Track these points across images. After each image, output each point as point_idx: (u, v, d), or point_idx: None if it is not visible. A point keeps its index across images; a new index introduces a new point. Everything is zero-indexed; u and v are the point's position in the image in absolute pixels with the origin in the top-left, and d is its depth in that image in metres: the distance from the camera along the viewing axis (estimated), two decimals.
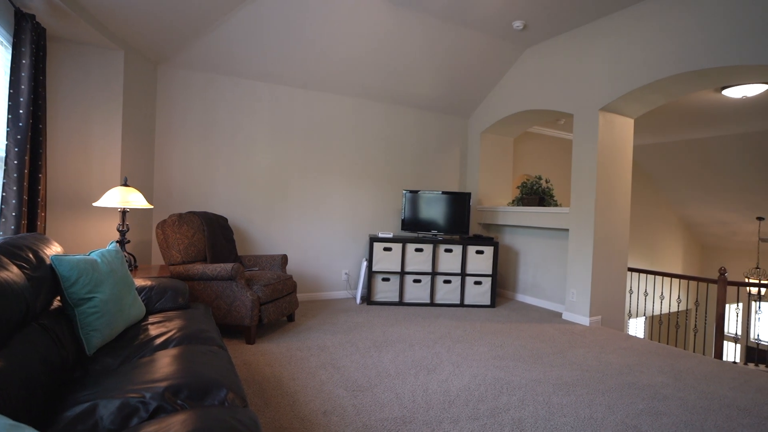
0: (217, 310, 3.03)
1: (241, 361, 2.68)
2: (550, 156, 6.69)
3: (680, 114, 5.47)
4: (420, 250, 4.38)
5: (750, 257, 8.18)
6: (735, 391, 2.51)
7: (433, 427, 1.96)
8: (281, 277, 3.40)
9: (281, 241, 4.34)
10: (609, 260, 4.00)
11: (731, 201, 7.36)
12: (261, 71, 4.04)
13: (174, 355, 1.57)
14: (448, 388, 2.39)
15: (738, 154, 6.38)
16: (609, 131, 3.93)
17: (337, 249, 4.64)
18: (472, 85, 4.88)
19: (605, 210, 3.94)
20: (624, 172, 4.08)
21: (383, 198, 4.92)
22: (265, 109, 4.22)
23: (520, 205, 4.82)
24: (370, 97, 4.73)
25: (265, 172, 4.25)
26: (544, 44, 4.37)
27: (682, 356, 3.13)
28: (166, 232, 3.21)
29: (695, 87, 3.53)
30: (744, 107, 5.03)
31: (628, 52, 3.61)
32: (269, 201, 4.28)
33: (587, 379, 2.61)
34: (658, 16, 3.41)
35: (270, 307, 3.17)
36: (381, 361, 2.78)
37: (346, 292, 4.70)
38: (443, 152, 5.33)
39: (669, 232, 8.43)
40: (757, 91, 4.28)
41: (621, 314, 4.16)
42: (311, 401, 2.17)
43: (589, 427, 2.01)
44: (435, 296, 4.43)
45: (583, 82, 3.98)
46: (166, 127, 3.80)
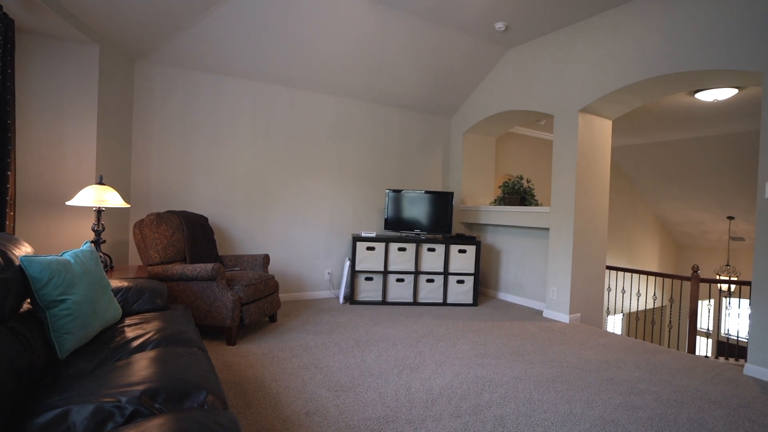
0: (197, 311, 2.98)
1: (222, 363, 2.64)
2: (532, 156, 6.78)
3: (656, 116, 5.62)
4: (403, 250, 4.39)
5: (721, 255, 8.46)
6: (707, 384, 2.59)
7: (416, 425, 1.96)
8: (263, 277, 3.36)
9: (263, 241, 4.29)
10: (588, 259, 4.08)
11: (704, 201, 7.60)
12: (242, 68, 3.99)
13: (152, 357, 1.54)
14: (431, 386, 2.40)
15: (711, 156, 6.59)
16: (588, 132, 4.01)
17: (319, 248, 4.61)
18: (454, 85, 4.91)
19: (584, 209, 4.01)
20: (602, 172, 4.16)
21: (366, 197, 4.91)
22: (247, 106, 4.16)
23: (502, 204, 4.88)
24: (353, 96, 4.72)
25: (246, 171, 4.19)
26: (525, 46, 4.42)
27: (657, 351, 3.21)
28: (144, 232, 3.13)
29: (669, 90, 3.62)
30: (716, 111, 5.19)
31: (607, 55, 3.68)
32: (251, 200, 4.22)
33: (567, 375, 2.65)
34: (635, 21, 3.48)
35: (251, 308, 3.13)
36: (364, 360, 2.77)
37: (329, 291, 4.68)
38: (426, 152, 5.35)
39: (646, 231, 8.65)
40: (727, 95, 4.42)
41: (600, 311, 4.25)
42: (293, 402, 2.15)
43: (569, 423, 2.04)
44: (418, 295, 4.45)
45: (563, 83, 4.05)
46: (144, 124, 3.72)
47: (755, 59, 2.81)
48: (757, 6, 2.81)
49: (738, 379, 2.69)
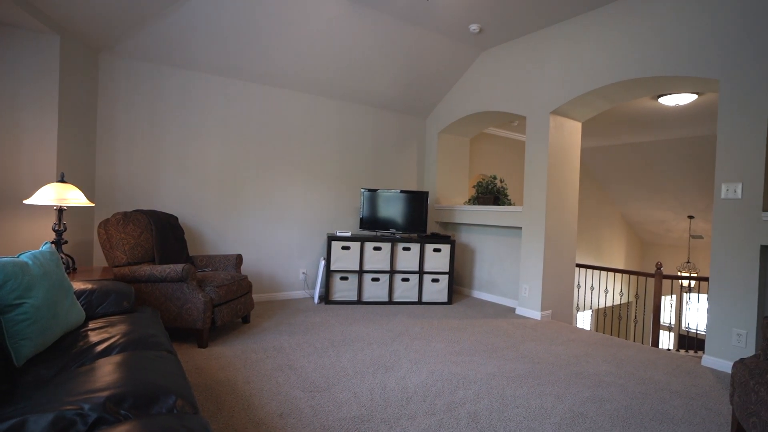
0: (167, 313, 2.89)
1: (193, 366, 2.57)
2: (505, 156, 6.91)
3: (622, 119, 5.82)
4: (378, 249, 4.39)
5: (682, 252, 8.85)
6: (668, 375, 2.71)
7: (391, 424, 1.96)
8: (236, 277, 3.30)
9: (236, 241, 4.20)
10: (559, 257, 4.19)
11: (667, 201, 7.93)
12: (213, 64, 3.89)
13: (117, 362, 1.48)
14: (406, 385, 2.41)
15: (672, 158, 6.88)
16: (559, 133, 4.11)
17: (294, 248, 4.55)
18: (429, 86, 4.94)
19: (555, 209, 4.11)
20: (572, 172, 4.28)
21: (341, 196, 4.88)
22: (219, 103, 4.07)
23: (476, 204, 4.94)
24: (327, 95, 4.68)
25: (218, 169, 4.10)
26: (499, 48, 4.50)
27: (623, 346, 3.33)
28: (110, 232, 3.02)
29: (634, 94, 3.76)
30: (677, 115, 5.42)
31: (576, 59, 3.79)
32: (223, 199, 4.13)
33: (538, 370, 2.72)
34: (603, 27, 3.60)
35: (224, 309, 3.06)
36: (339, 360, 2.75)
37: (303, 291, 4.63)
38: (401, 151, 5.36)
39: (613, 230, 8.95)
40: (687, 101, 4.62)
41: (570, 308, 4.37)
42: (267, 404, 2.12)
43: (540, 417, 2.09)
44: (393, 294, 4.46)
45: (535, 85, 4.14)
46: (110, 119, 3.58)
47: (712, 67, 2.95)
48: (714, 16, 2.94)
49: (696, 370, 2.82)
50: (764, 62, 2.72)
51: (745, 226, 2.78)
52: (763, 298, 2.79)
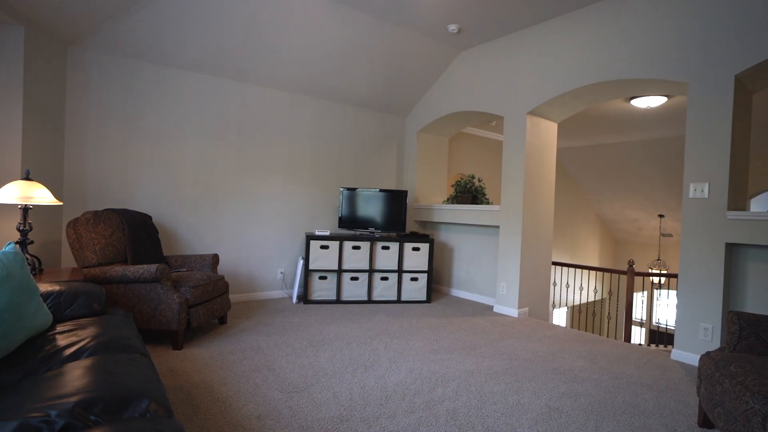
0: (140, 314, 2.81)
1: (168, 369, 2.51)
2: (483, 156, 6.99)
3: (597, 120, 5.97)
4: (357, 248, 4.38)
5: (653, 250, 9.14)
6: (640, 369, 2.79)
7: (370, 423, 1.96)
8: (212, 277, 3.23)
9: (212, 240, 4.12)
10: (535, 255, 4.26)
11: (639, 200, 8.17)
12: (189, 60, 3.80)
13: (87, 366, 1.43)
14: (385, 383, 2.41)
15: (644, 159, 7.09)
16: (536, 134, 4.18)
17: (272, 247, 4.50)
18: (409, 85, 4.96)
19: (532, 208, 4.18)
20: (549, 172, 4.36)
21: (320, 195, 4.85)
22: (195, 100, 3.98)
23: (455, 203, 4.99)
24: (306, 93, 4.64)
25: (194, 167, 4.01)
26: (477, 48, 4.54)
27: (597, 341, 3.42)
28: (79, 232, 2.91)
29: (608, 96, 3.86)
30: (649, 117, 5.59)
31: (552, 61, 3.86)
32: (199, 198, 4.04)
33: (516, 367, 2.76)
34: (578, 30, 3.67)
35: (200, 310, 3.00)
36: (318, 360, 2.73)
37: (281, 291, 4.58)
38: (380, 150, 5.36)
39: (587, 229, 9.17)
40: (658, 103, 4.77)
41: (546, 305, 4.46)
42: (244, 406, 2.08)
43: (517, 412, 2.12)
44: (372, 293, 4.46)
45: (512, 86, 4.20)
46: (79, 115, 3.45)
47: (681, 70, 3.05)
48: (683, 22, 3.05)
49: (666, 364, 2.92)
50: (730, 67, 2.83)
51: (712, 225, 2.89)
52: (727, 293, 2.90)
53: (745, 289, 2.88)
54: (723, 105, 2.85)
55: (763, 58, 2.68)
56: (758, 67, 2.74)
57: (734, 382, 1.69)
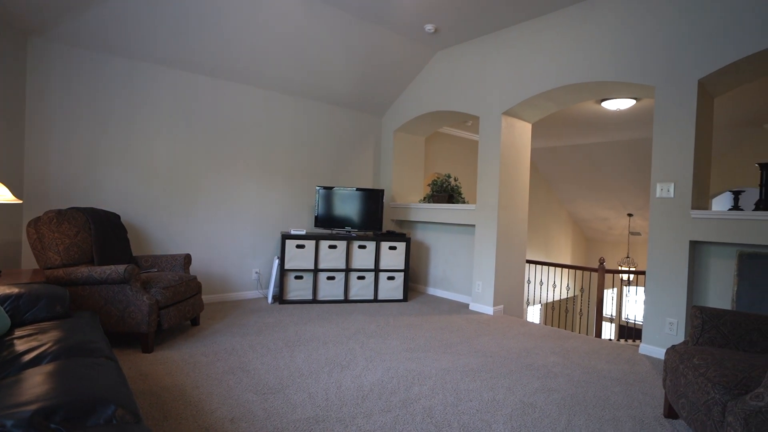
0: (107, 317, 2.71)
1: (137, 373, 2.43)
2: (459, 155, 7.06)
3: (569, 121, 6.11)
4: (334, 247, 4.35)
5: (623, 248, 9.43)
6: (610, 364, 2.87)
7: (347, 423, 1.95)
8: (184, 278, 3.15)
9: (184, 240, 4.02)
10: (510, 254, 4.33)
11: (609, 200, 8.42)
12: (160, 54, 3.69)
13: (48, 372, 1.37)
14: (362, 383, 2.40)
15: (614, 159, 7.31)
16: (510, 134, 4.25)
17: (246, 247, 4.42)
18: (385, 84, 4.95)
19: (507, 207, 4.25)
20: (523, 172, 4.44)
21: (296, 194, 4.79)
22: (167, 96, 3.86)
23: (431, 202, 5.02)
24: (282, 90, 4.57)
25: (165, 165, 3.89)
26: (454, 48, 4.58)
27: (569, 337, 3.50)
28: (41, 231, 2.79)
29: (579, 98, 3.95)
30: (618, 118, 5.76)
31: (526, 63, 3.93)
32: (170, 196, 3.93)
33: (491, 364, 2.80)
34: (550, 33, 3.75)
35: (171, 311, 2.92)
36: (294, 360, 2.70)
37: (257, 291, 4.51)
38: (357, 149, 5.34)
39: (560, 227, 9.39)
40: (627, 105, 4.92)
41: (520, 303, 4.54)
42: (217, 409, 2.04)
43: (492, 409, 2.15)
44: (349, 293, 4.44)
45: (487, 87, 4.25)
46: (41, 109, 3.30)
47: (649, 74, 3.15)
48: (650, 28, 3.15)
49: (635, 358, 3.02)
50: (694, 72, 2.94)
51: (677, 223, 3.00)
52: (691, 289, 3.02)
53: (707, 285, 3.01)
54: (687, 108, 2.97)
55: (724, 64, 2.80)
56: (719, 72, 2.86)
57: (697, 374, 1.76)
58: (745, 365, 1.70)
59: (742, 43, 2.73)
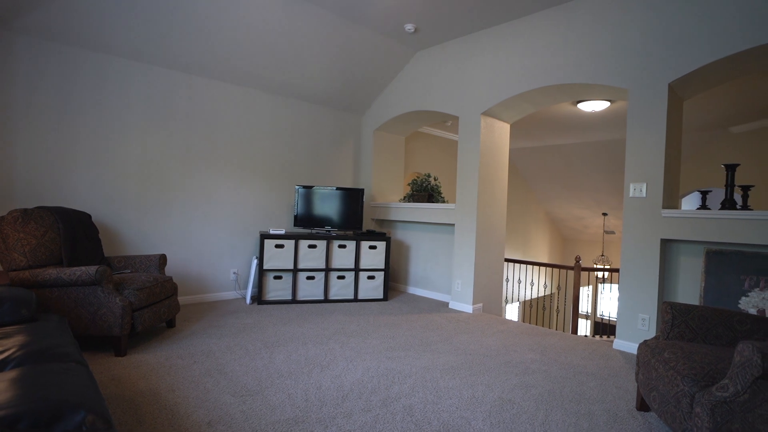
0: (78, 320, 2.62)
1: (109, 377, 2.36)
2: (439, 155, 7.10)
3: (546, 122, 6.22)
4: (313, 247, 4.32)
5: (598, 246, 9.67)
6: (585, 359, 2.94)
7: (326, 424, 1.93)
8: (159, 279, 3.07)
9: (159, 240, 3.92)
10: (489, 252, 4.38)
11: (584, 199, 8.61)
12: (133, 49, 3.59)
13: (12, 378, 1.31)
14: (342, 383, 2.39)
15: (590, 159, 7.48)
16: (489, 134, 4.30)
17: (224, 247, 4.34)
18: (365, 83, 4.94)
19: (486, 206, 4.30)
20: (502, 171, 4.50)
21: (275, 193, 4.74)
22: (141, 92, 3.76)
23: (411, 201, 5.03)
24: (260, 88, 4.51)
25: (139, 163, 3.79)
26: (434, 48, 4.60)
27: (547, 334, 3.56)
28: (5, 232, 2.67)
29: (556, 99, 4.03)
30: (594, 120, 5.90)
31: (505, 64, 3.98)
32: (145, 195, 3.83)
33: (470, 361, 2.82)
34: (529, 34, 3.81)
35: (145, 313, 2.84)
36: (272, 362, 2.67)
37: (235, 292, 4.43)
38: (337, 148, 5.31)
39: (538, 226, 9.56)
40: (602, 107, 5.04)
41: (499, 301, 4.60)
42: (194, 412, 1.99)
43: (472, 406, 2.17)
44: (329, 292, 4.41)
45: (467, 87, 4.29)
46: (6, 104, 3.16)
47: (622, 77, 3.24)
48: (623, 31, 3.23)
49: (609, 353, 3.09)
50: (664, 75, 3.03)
51: (649, 222, 3.09)
52: (662, 285, 3.12)
53: (677, 281, 3.11)
54: (658, 111, 3.06)
55: (693, 68, 2.90)
56: (688, 76, 2.95)
57: (667, 367, 1.81)
58: (711, 358, 1.77)
59: (709, 48, 2.83)
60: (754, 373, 1.44)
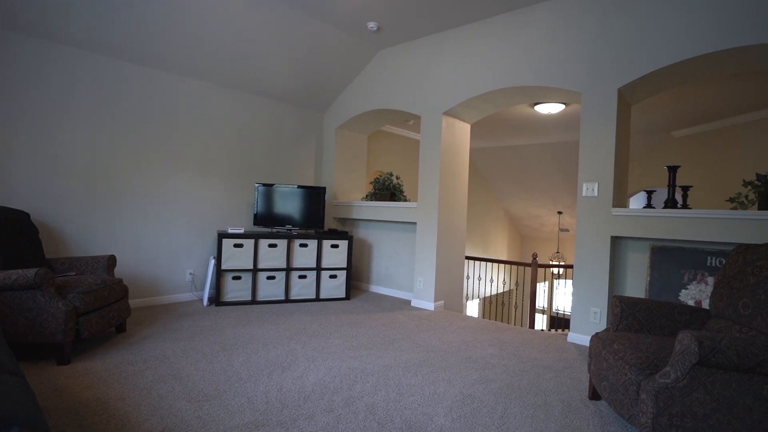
0: (14, 327, 2.43)
1: (51, 388, 2.20)
2: (401, 154, 7.14)
3: (505, 123, 6.40)
4: (274, 246, 4.23)
5: (553, 244, 10.06)
6: (542, 353, 3.04)
7: (288, 426, 1.89)
8: (107, 281, 2.90)
9: (108, 240, 3.71)
10: (450, 250, 4.45)
11: (541, 198, 8.94)
12: (79, 36, 3.37)
13: None
14: (303, 384, 2.35)
15: (546, 160, 7.77)
16: (451, 134, 4.36)
17: (180, 247, 4.17)
18: (328, 80, 4.89)
19: (447, 205, 4.36)
20: (462, 171, 4.58)
21: (234, 191, 4.60)
22: (88, 82, 3.53)
23: (374, 200, 5.03)
24: (219, 82, 4.36)
25: (85, 159, 3.56)
26: (396, 47, 4.62)
27: (505, 330, 3.66)
28: None
29: (514, 101, 4.15)
30: (549, 122, 6.13)
31: (465, 65, 4.05)
32: (92, 192, 3.61)
33: (432, 358, 2.85)
34: (488, 36, 3.89)
35: (92, 318, 2.67)
36: (231, 364, 2.59)
37: (191, 294, 4.27)
38: (299, 146, 5.23)
39: (497, 225, 9.83)
40: (558, 110, 5.24)
41: (460, 298, 4.68)
42: (146, 421, 1.90)
43: (433, 402, 2.19)
44: (290, 292, 4.34)
45: (429, 87, 4.33)
46: None
47: (576, 81, 3.38)
48: (577, 37, 3.37)
49: (563, 346, 3.22)
50: (614, 80, 3.18)
51: (600, 220, 3.24)
52: (612, 280, 3.28)
53: (626, 276, 3.28)
54: (609, 114, 3.21)
55: (640, 75, 3.06)
56: (636, 82, 3.12)
57: (616, 358, 1.90)
58: (656, 347, 1.87)
59: (654, 56, 3.00)
60: (692, 360, 1.54)
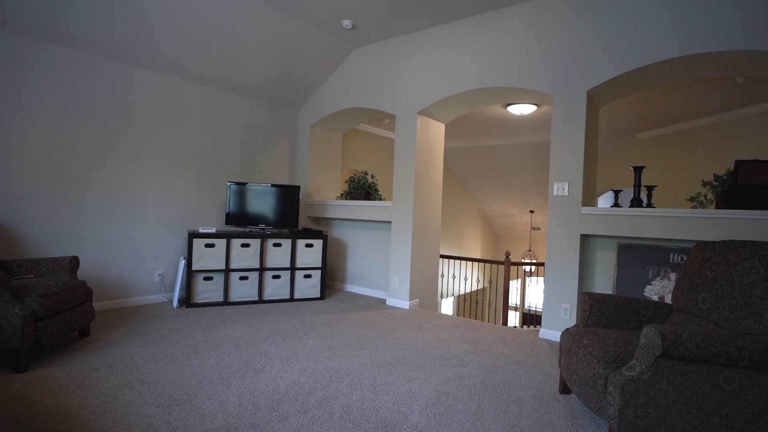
0: None
1: (7, 397, 2.09)
2: (376, 153, 7.14)
3: (479, 123, 6.49)
4: (247, 246, 4.15)
5: (525, 242, 10.28)
6: (515, 349, 3.10)
7: (261, 428, 1.86)
8: (69, 283, 2.78)
9: (70, 241, 3.55)
10: (425, 249, 4.48)
11: (514, 197, 9.11)
12: (37, 26, 3.20)
13: None
14: (277, 385, 2.31)
15: (518, 160, 7.92)
16: (425, 133, 4.38)
17: (148, 247, 4.03)
18: (302, 78, 4.83)
19: (422, 204, 4.38)
20: (437, 170, 4.61)
21: (205, 190, 4.48)
22: (47, 75, 3.37)
23: (348, 199, 5.01)
24: (189, 78, 4.24)
25: (45, 156, 3.40)
26: (372, 46, 4.60)
27: (479, 327, 3.71)
28: None
29: (488, 101, 4.21)
30: (522, 122, 6.25)
31: (440, 65, 4.08)
32: (52, 191, 3.44)
33: (407, 357, 2.86)
34: (462, 37, 3.93)
35: (52, 323, 2.55)
36: (202, 367, 2.52)
37: (160, 295, 4.14)
38: (272, 144, 5.15)
39: (471, 223, 9.96)
40: (530, 111, 5.35)
41: (435, 296, 4.72)
42: (111, 428, 1.82)
43: (409, 400, 2.20)
44: (264, 293, 4.27)
45: (404, 86, 4.34)
46: None
47: (547, 83, 3.45)
48: (549, 39, 3.45)
49: (535, 342, 3.29)
50: (583, 83, 3.27)
51: (570, 219, 3.32)
52: (582, 277, 3.37)
53: (594, 273, 3.38)
54: (578, 115, 3.30)
55: (607, 78, 3.16)
56: (603, 85, 3.22)
57: (585, 352, 1.96)
58: (622, 341, 1.94)
59: (620, 61, 3.10)
60: (655, 352, 1.60)
